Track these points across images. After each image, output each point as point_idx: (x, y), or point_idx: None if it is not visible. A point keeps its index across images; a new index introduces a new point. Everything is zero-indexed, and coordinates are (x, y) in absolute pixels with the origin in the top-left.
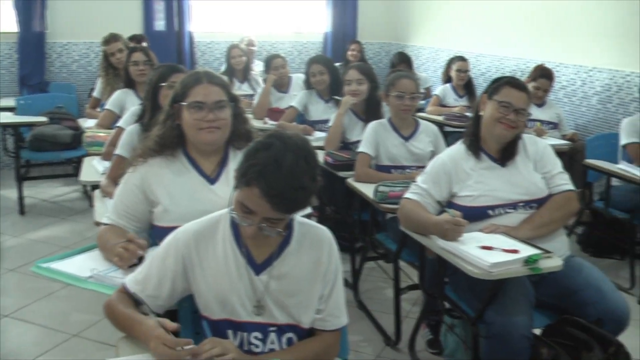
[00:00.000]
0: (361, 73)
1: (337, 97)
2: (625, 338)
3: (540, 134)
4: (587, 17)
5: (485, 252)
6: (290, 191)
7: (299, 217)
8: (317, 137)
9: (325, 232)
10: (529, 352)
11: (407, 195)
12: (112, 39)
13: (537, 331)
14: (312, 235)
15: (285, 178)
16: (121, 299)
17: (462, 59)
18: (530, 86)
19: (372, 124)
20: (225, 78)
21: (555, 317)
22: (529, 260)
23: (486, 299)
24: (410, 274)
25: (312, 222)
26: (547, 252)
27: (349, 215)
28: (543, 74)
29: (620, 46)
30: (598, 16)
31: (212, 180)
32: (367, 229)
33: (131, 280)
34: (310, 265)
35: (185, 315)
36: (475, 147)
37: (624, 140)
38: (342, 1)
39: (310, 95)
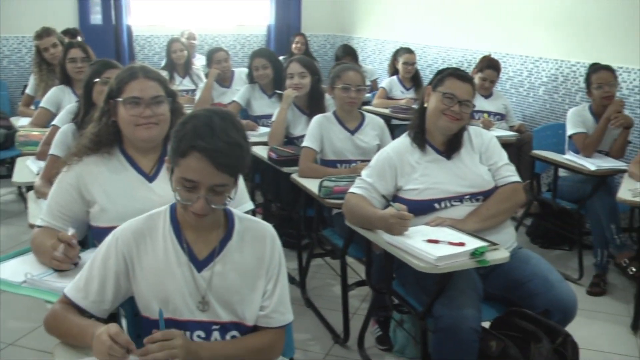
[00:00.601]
0: (303, 66)
1: (279, 92)
2: (574, 328)
3: (487, 125)
4: (533, 7)
5: (432, 245)
6: (227, 147)
7: (239, 213)
8: (261, 133)
9: (267, 227)
10: (477, 345)
11: (352, 189)
12: (44, 33)
13: (487, 324)
14: (253, 230)
15: (219, 136)
16: (66, 310)
17: (408, 50)
18: (477, 77)
19: (317, 118)
20: (165, 73)
21: (504, 310)
22: (475, 253)
23: (434, 293)
24: (358, 270)
25: (254, 218)
26: (494, 244)
27: (295, 212)
28: (489, 65)
29: (566, 36)
30: (543, 6)
31: (150, 178)
32: (313, 225)
33: (72, 288)
34: (252, 261)
35: (126, 317)
36: (421, 140)
37: (570, 130)
38: None
39: (253, 89)
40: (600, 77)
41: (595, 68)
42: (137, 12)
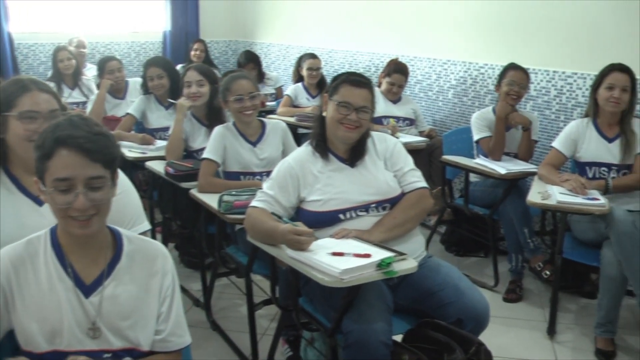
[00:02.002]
0: (201, 74)
1: (172, 101)
2: (491, 336)
3: (394, 131)
4: (440, 9)
5: (336, 258)
6: (92, 135)
7: (128, 233)
8: (159, 147)
9: (158, 246)
10: (389, 359)
11: (253, 203)
12: None
13: (399, 337)
14: (144, 250)
15: (81, 128)
16: None
17: (312, 56)
18: (385, 82)
19: (218, 129)
20: (52, 85)
21: (416, 321)
22: (381, 264)
23: (341, 308)
24: (265, 288)
25: (143, 237)
26: (401, 254)
27: (196, 230)
28: (397, 69)
29: (474, 38)
30: (450, 8)
31: (40, 201)
32: (215, 243)
33: None
34: (144, 282)
35: (4, 353)
36: (322, 149)
37: (476, 135)
38: None
39: (149, 100)
40: (514, 75)
41: (513, 66)
42: (18, 17)
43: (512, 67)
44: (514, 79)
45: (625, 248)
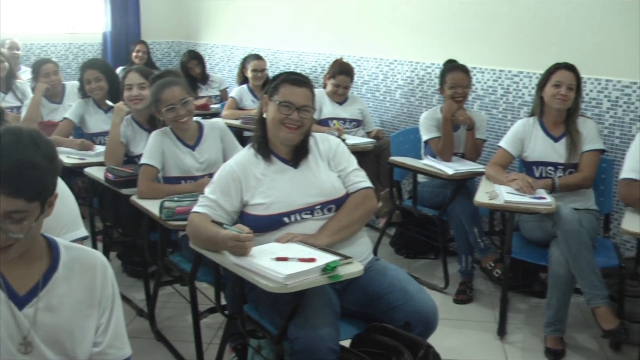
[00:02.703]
0: (143, 76)
1: (111, 104)
2: (441, 338)
3: (340, 133)
4: (386, 8)
5: (280, 263)
6: (16, 170)
7: (65, 242)
8: (98, 152)
9: (97, 255)
10: None
11: (196, 208)
12: None
13: (347, 342)
14: (82, 260)
15: (7, 156)
16: None
17: (257, 57)
18: (330, 84)
19: (155, 133)
20: None
21: (364, 326)
22: (327, 268)
23: (287, 314)
24: (211, 296)
25: (82, 246)
26: (347, 257)
27: (138, 237)
28: (341, 70)
29: (420, 38)
30: (396, 7)
31: None
32: (158, 251)
33: None
34: (82, 293)
35: None
36: (265, 150)
37: (424, 136)
38: None
39: (87, 104)
40: (454, 77)
41: (450, 67)
42: None
43: (451, 68)
44: (455, 81)
45: (572, 246)
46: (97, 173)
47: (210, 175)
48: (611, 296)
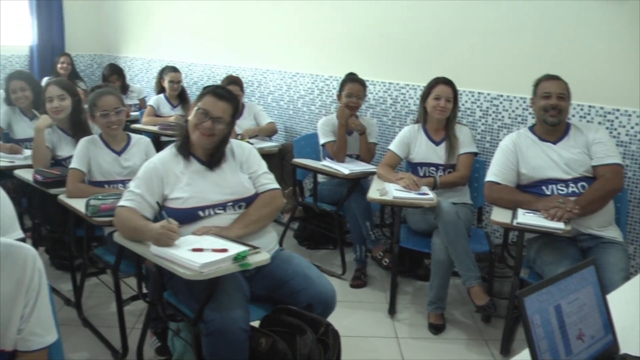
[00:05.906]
0: (62, 88)
1: (36, 112)
2: (339, 318)
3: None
4: (288, 26)
5: (196, 254)
6: None
7: None
8: (27, 156)
9: (27, 249)
10: (247, 343)
11: (122, 202)
12: None
13: (257, 323)
14: (13, 255)
15: None
16: None
17: (174, 69)
18: None
19: (83, 141)
20: None
21: (272, 308)
22: (237, 258)
23: (203, 299)
24: (133, 285)
25: (13, 242)
26: (255, 247)
27: (66, 233)
28: (230, 82)
29: (319, 53)
30: (297, 25)
31: None
32: (84, 245)
33: None
34: (11, 286)
35: None
36: (185, 151)
37: (321, 140)
38: (47, 12)
39: (14, 112)
40: (352, 87)
41: (350, 79)
42: None
43: (350, 79)
44: (351, 91)
45: (450, 235)
46: (26, 175)
47: None
48: (483, 277)
